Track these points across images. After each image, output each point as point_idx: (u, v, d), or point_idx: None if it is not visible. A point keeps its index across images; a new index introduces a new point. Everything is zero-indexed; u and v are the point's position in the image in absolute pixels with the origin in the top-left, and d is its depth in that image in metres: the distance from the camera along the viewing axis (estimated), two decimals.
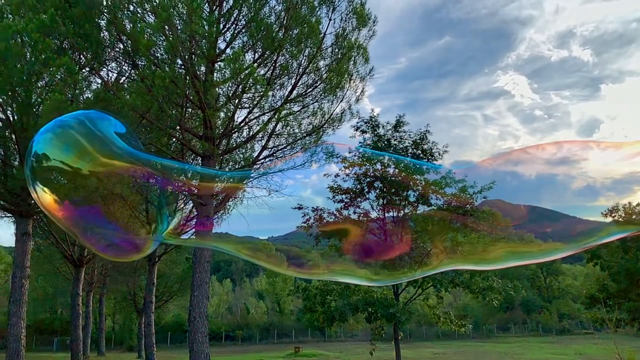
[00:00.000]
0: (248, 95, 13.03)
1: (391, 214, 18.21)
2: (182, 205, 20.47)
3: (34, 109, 13.40)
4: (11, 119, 13.91)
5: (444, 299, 21.86)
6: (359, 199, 18.15)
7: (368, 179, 17.36)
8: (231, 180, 7.19)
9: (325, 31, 12.70)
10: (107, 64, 12.96)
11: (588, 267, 53.51)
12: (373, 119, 18.82)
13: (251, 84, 12.14)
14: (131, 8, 11.47)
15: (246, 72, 11.28)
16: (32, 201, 13.82)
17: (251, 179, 14.16)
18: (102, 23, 11.59)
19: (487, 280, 17.40)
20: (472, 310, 56.61)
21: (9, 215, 17.04)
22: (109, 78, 13.33)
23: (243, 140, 14.70)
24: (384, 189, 17.52)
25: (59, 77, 11.03)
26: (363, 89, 14.28)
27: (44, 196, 3.63)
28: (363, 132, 18.84)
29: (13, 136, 14.06)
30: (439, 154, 18.28)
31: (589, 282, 41.43)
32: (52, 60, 10.22)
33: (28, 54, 11.17)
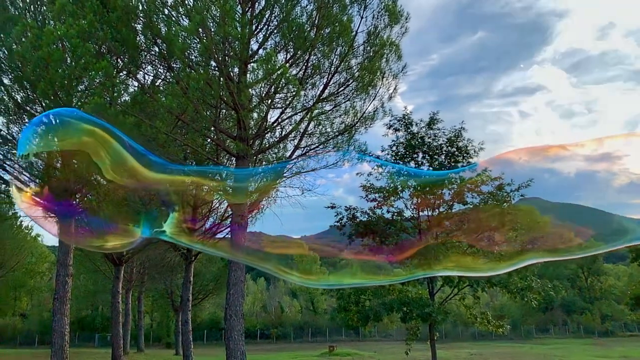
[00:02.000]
0: (280, 95, 13.09)
1: (425, 212, 17.98)
2: (216, 205, 20.78)
3: None
4: None
5: (481, 298, 21.43)
6: (392, 198, 18.00)
7: (402, 178, 17.17)
8: (266, 178, 7.22)
9: (357, 29, 12.59)
10: (143, 67, 13.20)
11: (632, 267, 51.57)
12: (406, 117, 18.61)
13: (283, 84, 12.19)
14: (166, 12, 11.68)
15: (278, 72, 11.34)
16: (74, 201, 14.28)
17: (284, 178, 14.22)
18: (138, 27, 11.81)
19: (525, 280, 16.96)
20: (509, 311, 55.34)
21: (52, 215, 17.63)
22: (145, 81, 13.62)
23: (276, 140, 14.78)
24: (418, 188, 17.30)
25: (98, 80, 11.33)
26: (396, 86, 14.10)
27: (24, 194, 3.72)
28: (396, 130, 18.66)
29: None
30: (475, 151, 17.94)
31: (633, 282, 39.94)
32: (91, 65, 10.52)
33: (68, 58, 11.52)
